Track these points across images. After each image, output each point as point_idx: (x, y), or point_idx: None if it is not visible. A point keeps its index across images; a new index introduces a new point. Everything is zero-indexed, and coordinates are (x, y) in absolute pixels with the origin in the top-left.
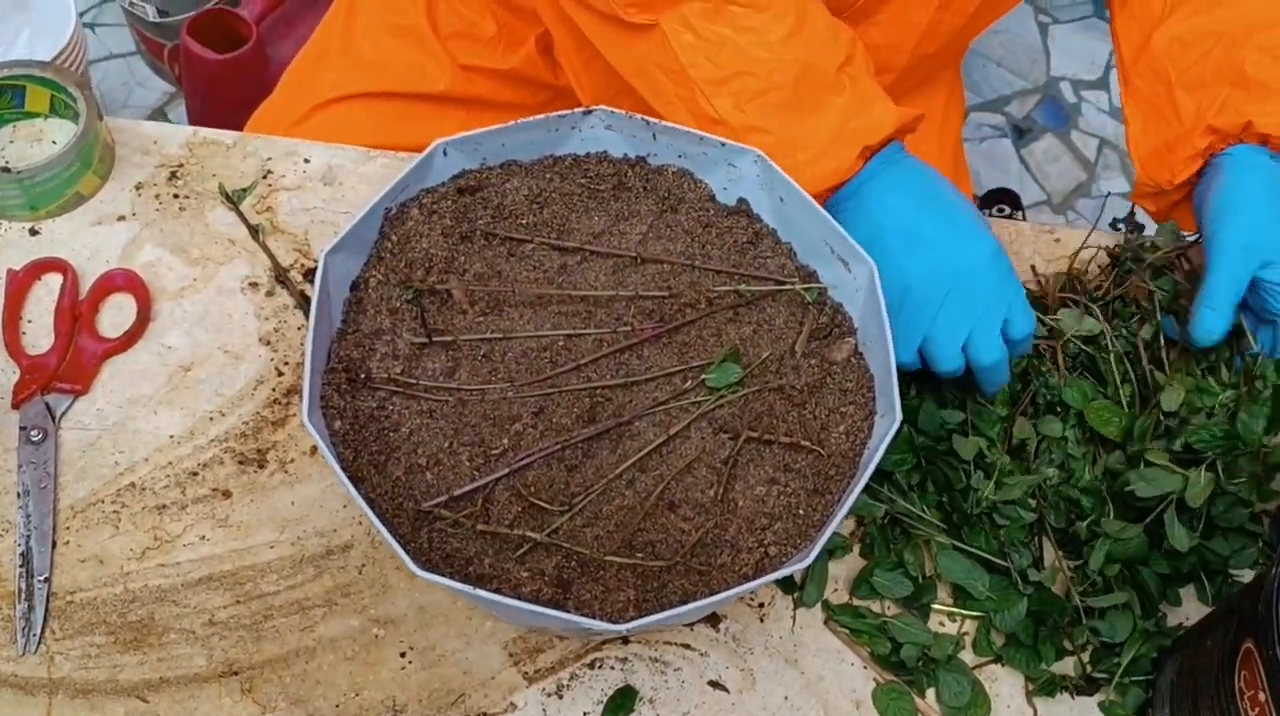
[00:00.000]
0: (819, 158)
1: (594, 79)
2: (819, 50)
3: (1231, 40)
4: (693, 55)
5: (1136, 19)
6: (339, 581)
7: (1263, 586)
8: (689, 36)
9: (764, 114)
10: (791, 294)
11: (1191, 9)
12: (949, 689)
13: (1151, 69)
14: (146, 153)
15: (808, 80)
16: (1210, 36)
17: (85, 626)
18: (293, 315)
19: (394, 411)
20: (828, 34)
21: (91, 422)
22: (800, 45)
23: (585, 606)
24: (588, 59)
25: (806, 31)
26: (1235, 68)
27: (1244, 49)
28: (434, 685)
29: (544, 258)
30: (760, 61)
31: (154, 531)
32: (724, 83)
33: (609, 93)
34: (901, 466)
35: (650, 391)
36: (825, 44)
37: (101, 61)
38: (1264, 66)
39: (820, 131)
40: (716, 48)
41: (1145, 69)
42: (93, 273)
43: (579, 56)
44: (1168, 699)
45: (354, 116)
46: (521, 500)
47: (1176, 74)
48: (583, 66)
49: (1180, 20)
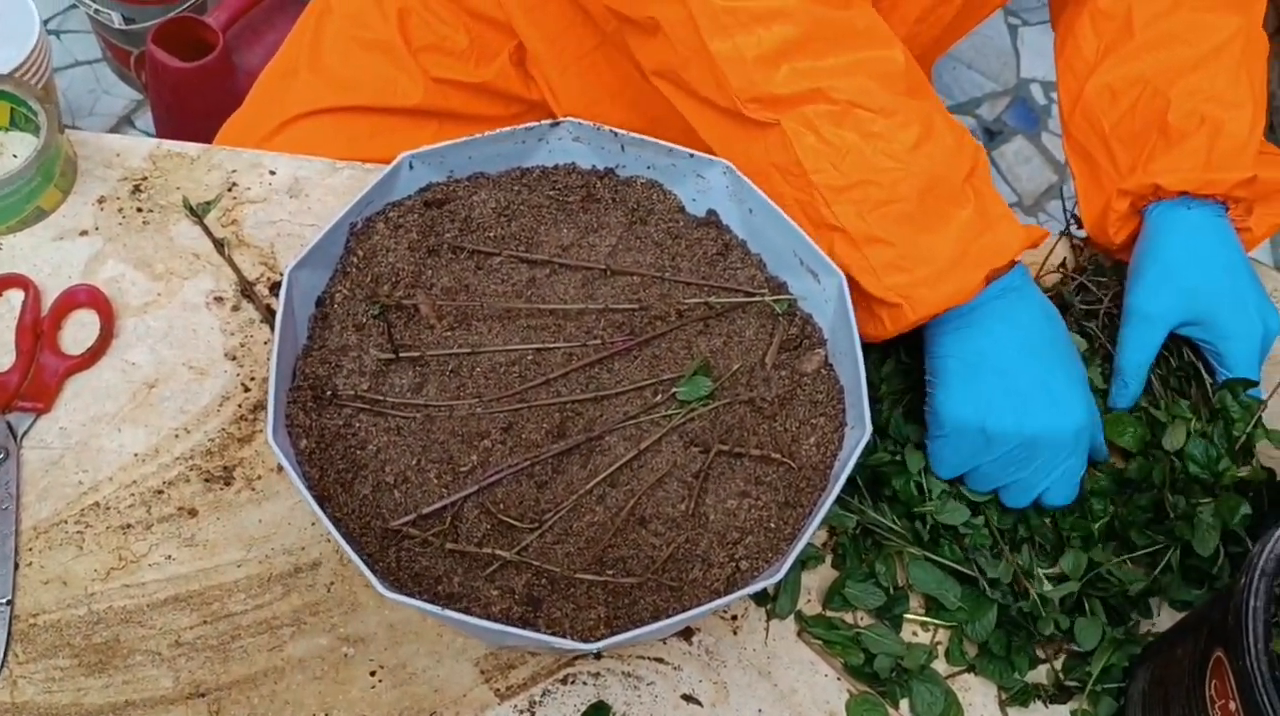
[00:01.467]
0: (942, 275)
1: (569, 90)
2: (945, 160)
3: (1155, 88)
4: (816, 160)
5: (1072, 68)
6: (307, 600)
7: (1232, 596)
8: (812, 139)
9: (887, 225)
10: (761, 305)
11: (1120, 56)
12: (922, 699)
13: (1086, 121)
14: (109, 166)
15: (934, 192)
16: (1138, 84)
17: (49, 649)
18: (259, 330)
19: (361, 429)
20: (953, 143)
21: (54, 441)
22: (926, 155)
23: (556, 624)
24: (563, 68)
25: (934, 141)
26: (1160, 117)
27: (1167, 96)
28: (405, 703)
29: (512, 271)
30: (885, 170)
31: (119, 551)
32: (847, 190)
33: (583, 103)
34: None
35: (620, 405)
36: (951, 154)
37: (67, 69)
38: (1184, 114)
39: (944, 247)
40: (841, 153)
41: (1081, 121)
42: (55, 288)
43: (554, 65)
44: (1140, 707)
45: (324, 131)
46: (491, 517)
47: (1109, 126)
48: (558, 75)
49: (1111, 68)
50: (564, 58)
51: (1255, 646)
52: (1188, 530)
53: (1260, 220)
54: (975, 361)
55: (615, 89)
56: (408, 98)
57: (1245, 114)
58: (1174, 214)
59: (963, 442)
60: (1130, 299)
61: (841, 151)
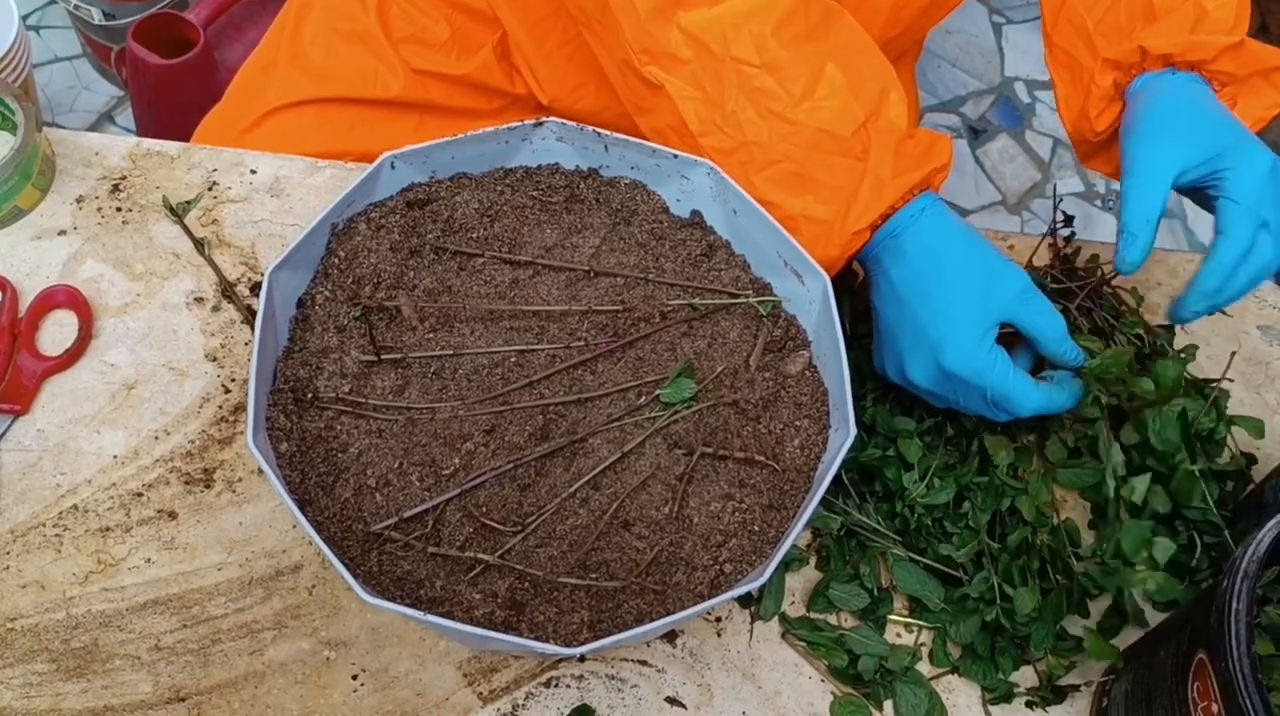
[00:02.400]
0: (827, 234)
1: (552, 77)
2: (834, 113)
3: None
4: (701, 123)
5: None
6: (289, 603)
7: (1214, 598)
8: (697, 99)
9: (771, 187)
10: (746, 307)
11: None
12: (906, 700)
13: (1070, 23)
14: (88, 164)
15: (820, 148)
16: None
17: (26, 654)
18: (239, 330)
19: (342, 431)
20: (845, 92)
21: (32, 443)
22: (810, 110)
23: (539, 628)
24: (546, 54)
25: (821, 92)
26: (1146, 6)
27: None
28: (387, 707)
29: (495, 272)
30: (768, 130)
31: (97, 555)
32: (733, 152)
33: (566, 88)
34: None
35: (604, 407)
36: (841, 105)
37: (46, 64)
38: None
39: (824, 208)
40: (725, 113)
41: (1065, 25)
42: (32, 289)
43: (537, 53)
44: (1123, 709)
45: (305, 123)
46: (473, 521)
47: (1093, 22)
48: (541, 62)
49: None
50: (546, 44)
51: (1237, 648)
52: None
53: (1245, 111)
54: (876, 317)
55: (599, 74)
56: (388, 89)
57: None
58: (1160, 80)
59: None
60: (1129, 153)
61: (726, 111)
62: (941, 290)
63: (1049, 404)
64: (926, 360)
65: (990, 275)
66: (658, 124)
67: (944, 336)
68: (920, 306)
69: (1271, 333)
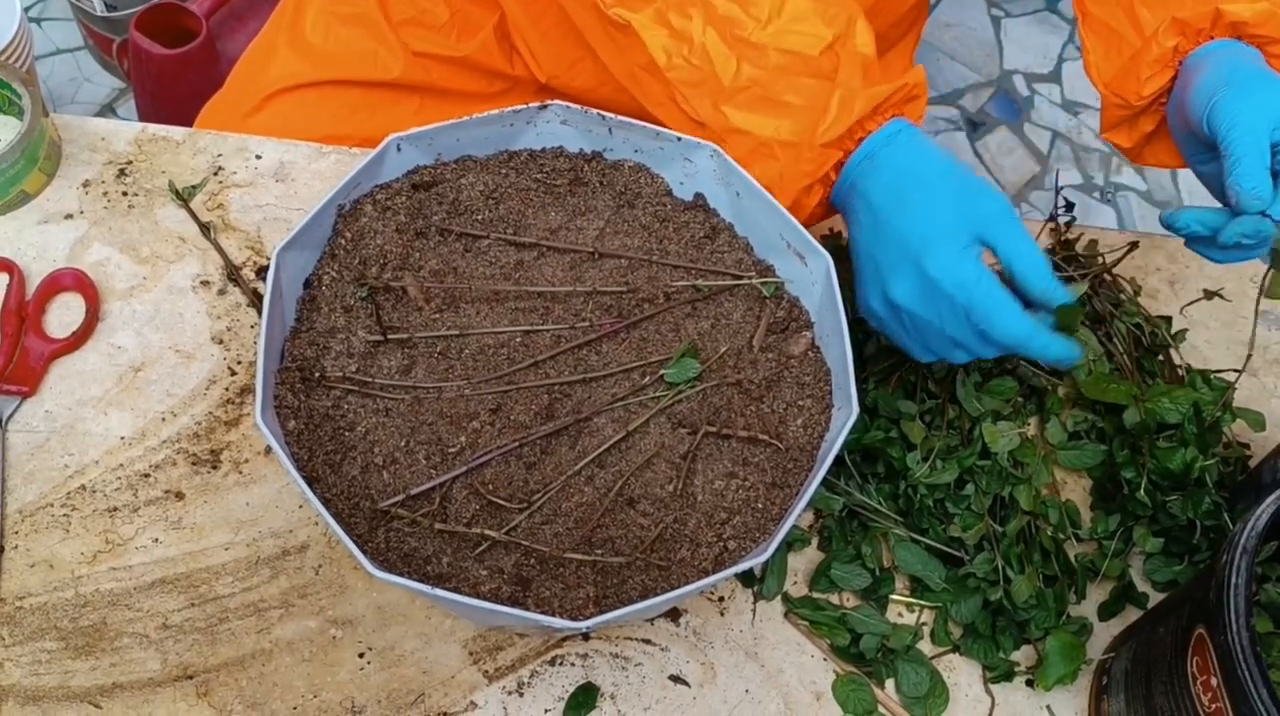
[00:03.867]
0: (798, 157)
1: (549, 54)
2: (800, 35)
3: None
4: (669, 56)
5: None
6: (295, 582)
7: (1214, 574)
8: (663, 34)
9: (741, 114)
10: (749, 288)
11: None
12: (908, 679)
13: None
14: (94, 149)
15: (788, 71)
16: None
17: (35, 632)
18: (245, 313)
19: (349, 410)
20: (815, 13)
21: (40, 424)
22: (775, 34)
23: (545, 604)
24: (544, 32)
25: (786, 14)
26: None
27: None
28: (393, 685)
29: (500, 253)
30: (734, 58)
31: (105, 534)
32: (700, 84)
33: (563, 65)
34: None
35: (609, 387)
36: (807, 27)
37: (48, 57)
38: None
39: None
40: (691, 45)
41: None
42: (39, 272)
43: (534, 30)
44: (1122, 685)
45: (306, 106)
46: (480, 498)
47: None
48: (538, 40)
49: None
50: (543, 22)
51: (1236, 622)
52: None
53: None
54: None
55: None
56: (388, 71)
57: None
58: (1228, 48)
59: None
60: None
61: (691, 43)
62: (922, 198)
63: (1033, 336)
64: (908, 271)
65: (972, 190)
66: (629, 66)
67: (926, 242)
68: (899, 218)
69: (1269, 317)
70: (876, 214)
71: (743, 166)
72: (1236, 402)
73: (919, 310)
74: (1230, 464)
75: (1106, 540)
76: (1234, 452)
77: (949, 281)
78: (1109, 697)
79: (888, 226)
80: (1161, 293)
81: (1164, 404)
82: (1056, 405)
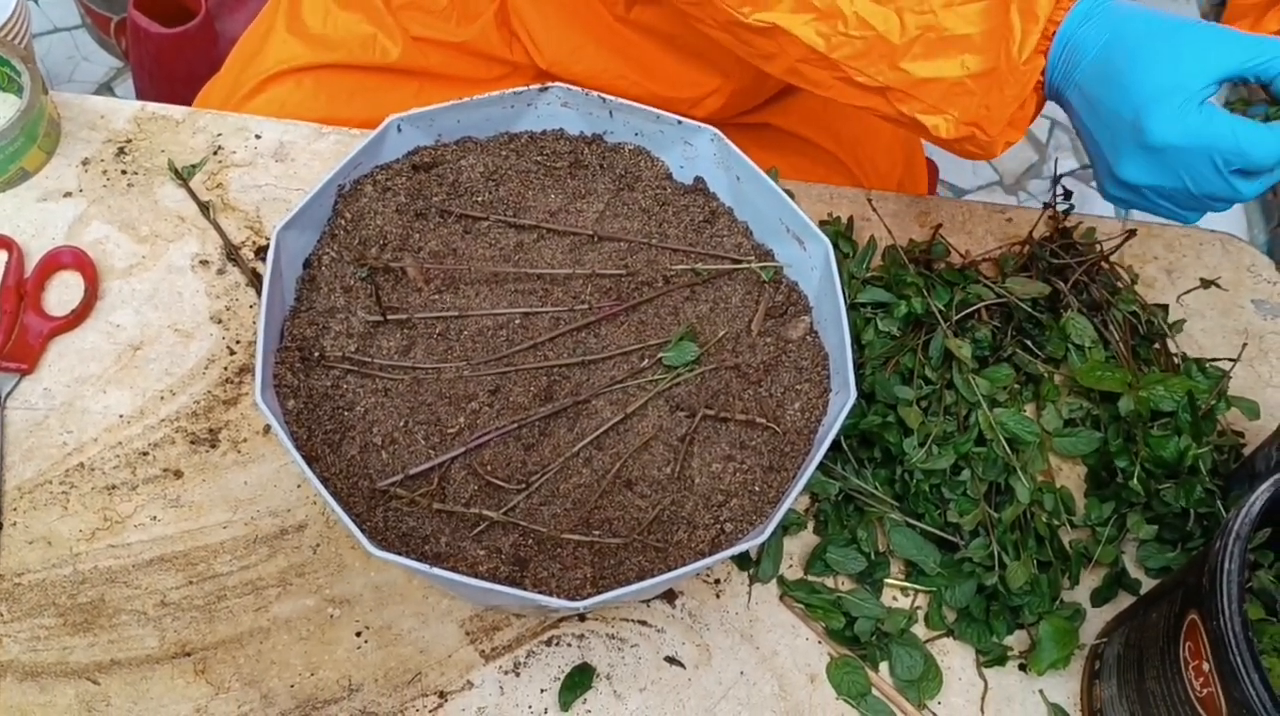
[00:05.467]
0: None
1: (550, 40)
2: None
3: None
4: (826, 40)
5: None
6: (293, 561)
7: (1207, 559)
8: (810, 20)
9: (921, 63)
10: (747, 272)
11: None
12: (902, 662)
13: None
14: (93, 128)
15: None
16: None
17: (34, 608)
18: (244, 293)
19: (348, 390)
20: None
21: (38, 402)
22: None
23: (542, 584)
24: (544, 17)
25: None
26: None
27: None
28: (390, 664)
29: (500, 235)
30: (891, 14)
31: (104, 512)
32: (869, 51)
33: (565, 50)
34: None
35: (607, 370)
36: None
37: (45, 35)
38: None
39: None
40: (844, 18)
41: None
42: (38, 250)
43: (535, 16)
44: (1114, 670)
45: (304, 90)
46: (478, 478)
47: None
48: (539, 26)
49: None
50: (545, 7)
51: (1229, 607)
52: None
53: None
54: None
55: (598, 35)
56: (386, 55)
57: None
58: None
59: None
60: None
61: (843, 17)
62: (1127, 66)
63: None
64: (1132, 148)
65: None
66: (789, 64)
67: (1141, 111)
68: (1109, 94)
69: (1266, 307)
70: (1088, 98)
71: (940, 112)
72: (1232, 391)
73: (1158, 182)
74: (1224, 452)
75: (1100, 526)
76: (1228, 441)
77: (1179, 139)
78: (1101, 682)
79: (1101, 107)
80: (1158, 281)
81: (1158, 392)
82: (1052, 392)
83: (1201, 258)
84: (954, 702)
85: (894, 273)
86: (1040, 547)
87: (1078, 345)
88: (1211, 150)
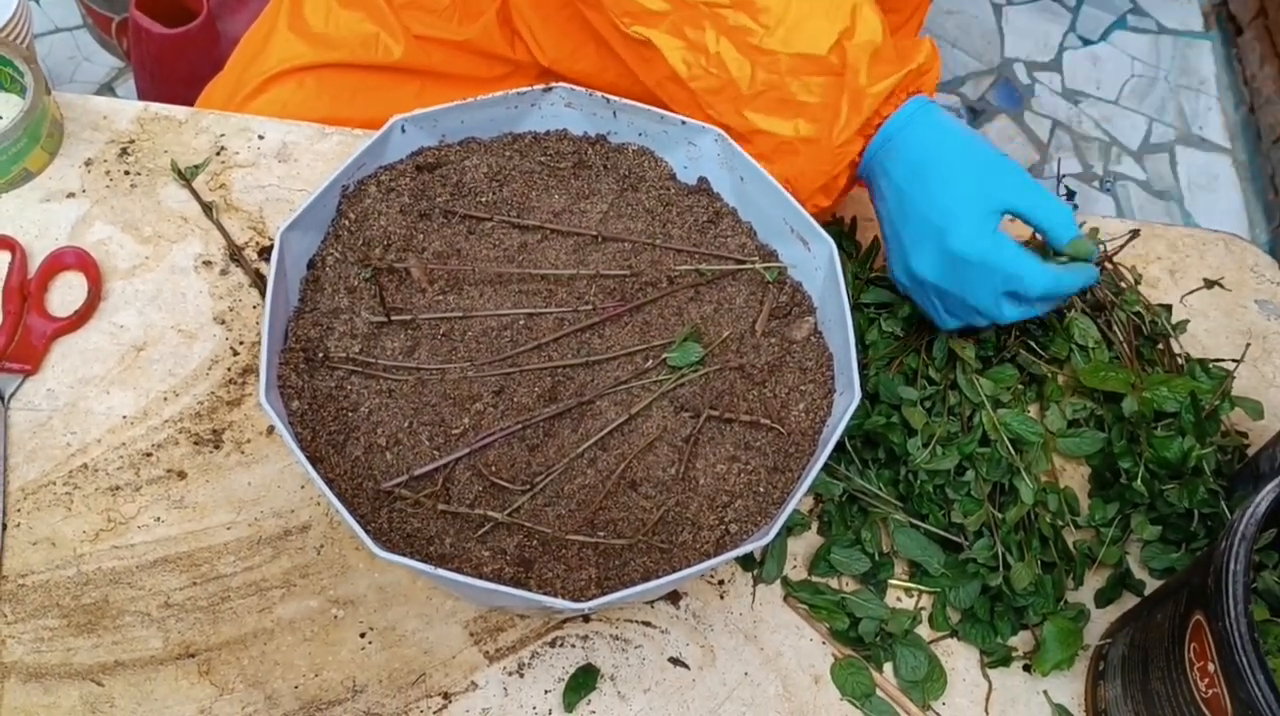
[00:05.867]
0: (819, 150)
1: (550, 38)
2: (808, 34)
3: None
4: (689, 68)
5: None
6: (297, 562)
7: (1212, 560)
8: (680, 47)
9: (761, 115)
10: (752, 273)
11: None
12: (906, 663)
13: None
14: (96, 128)
15: (800, 71)
16: None
17: (38, 609)
18: (247, 294)
19: (353, 391)
20: (819, 11)
21: (42, 403)
22: (782, 38)
23: (547, 585)
24: (545, 16)
25: (791, 18)
26: None
27: None
28: (394, 665)
29: (504, 236)
30: (747, 64)
31: (107, 513)
32: (720, 90)
33: (566, 51)
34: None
35: (612, 370)
36: (815, 25)
37: (46, 35)
38: None
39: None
40: (708, 55)
41: None
42: (41, 250)
43: (537, 15)
44: (1119, 670)
45: (306, 89)
46: (482, 479)
47: None
48: (541, 25)
49: None
50: (545, 6)
51: (1234, 608)
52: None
53: None
54: (881, 223)
55: (598, 34)
56: (389, 54)
57: None
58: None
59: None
60: None
61: (707, 53)
62: (940, 177)
63: (1058, 282)
64: (931, 248)
65: (991, 164)
66: (656, 75)
67: (948, 220)
68: (920, 196)
69: (1269, 307)
70: (899, 191)
71: (768, 163)
72: (1236, 391)
73: (941, 282)
74: (1228, 452)
75: (1104, 527)
76: (1232, 441)
77: (974, 253)
78: (1106, 683)
79: (910, 204)
80: (1162, 281)
81: (1162, 393)
82: (1056, 392)
83: (1205, 258)
84: (958, 703)
85: None
86: (1044, 548)
87: (1081, 346)
88: (995, 271)
